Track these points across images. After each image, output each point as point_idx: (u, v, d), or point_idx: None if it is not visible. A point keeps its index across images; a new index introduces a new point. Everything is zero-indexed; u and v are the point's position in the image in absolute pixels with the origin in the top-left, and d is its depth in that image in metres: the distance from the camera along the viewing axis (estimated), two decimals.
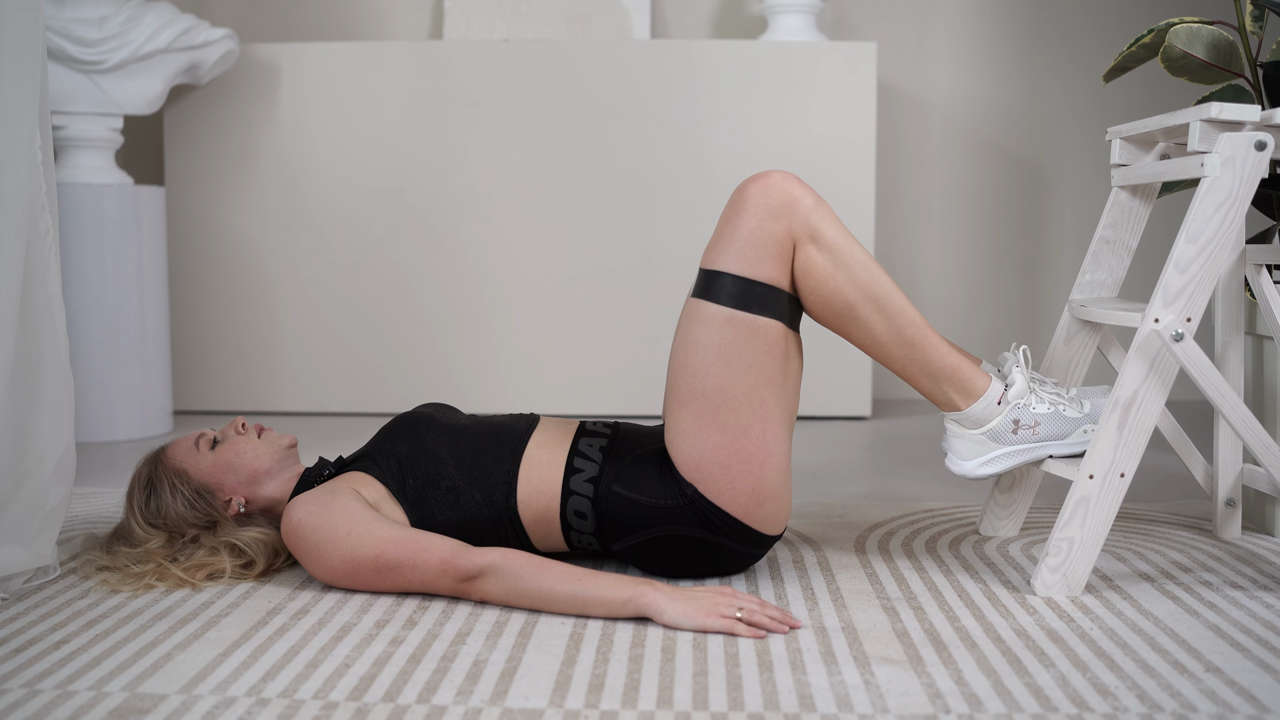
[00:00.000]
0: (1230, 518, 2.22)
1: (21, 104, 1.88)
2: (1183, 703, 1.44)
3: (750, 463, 1.84)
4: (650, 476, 1.88)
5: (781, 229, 1.82)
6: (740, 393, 1.82)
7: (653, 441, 1.95)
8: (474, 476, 1.92)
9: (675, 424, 1.86)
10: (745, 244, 1.82)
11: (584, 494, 1.89)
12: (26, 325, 1.96)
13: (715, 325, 1.82)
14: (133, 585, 1.88)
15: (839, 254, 1.84)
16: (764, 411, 1.84)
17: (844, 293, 1.84)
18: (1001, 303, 4.30)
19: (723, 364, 1.82)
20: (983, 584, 1.93)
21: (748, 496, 1.85)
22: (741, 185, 1.86)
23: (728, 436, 1.83)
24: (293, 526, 1.87)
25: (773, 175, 1.84)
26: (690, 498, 1.85)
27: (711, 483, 1.84)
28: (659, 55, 3.79)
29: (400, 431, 2.00)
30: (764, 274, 1.82)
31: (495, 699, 1.46)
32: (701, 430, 1.83)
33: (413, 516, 1.91)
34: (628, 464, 1.90)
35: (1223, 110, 1.78)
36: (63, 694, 1.47)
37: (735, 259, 1.82)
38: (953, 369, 1.88)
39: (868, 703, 1.44)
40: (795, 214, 1.82)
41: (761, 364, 1.83)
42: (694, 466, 1.84)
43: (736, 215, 1.84)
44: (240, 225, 3.87)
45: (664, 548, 1.90)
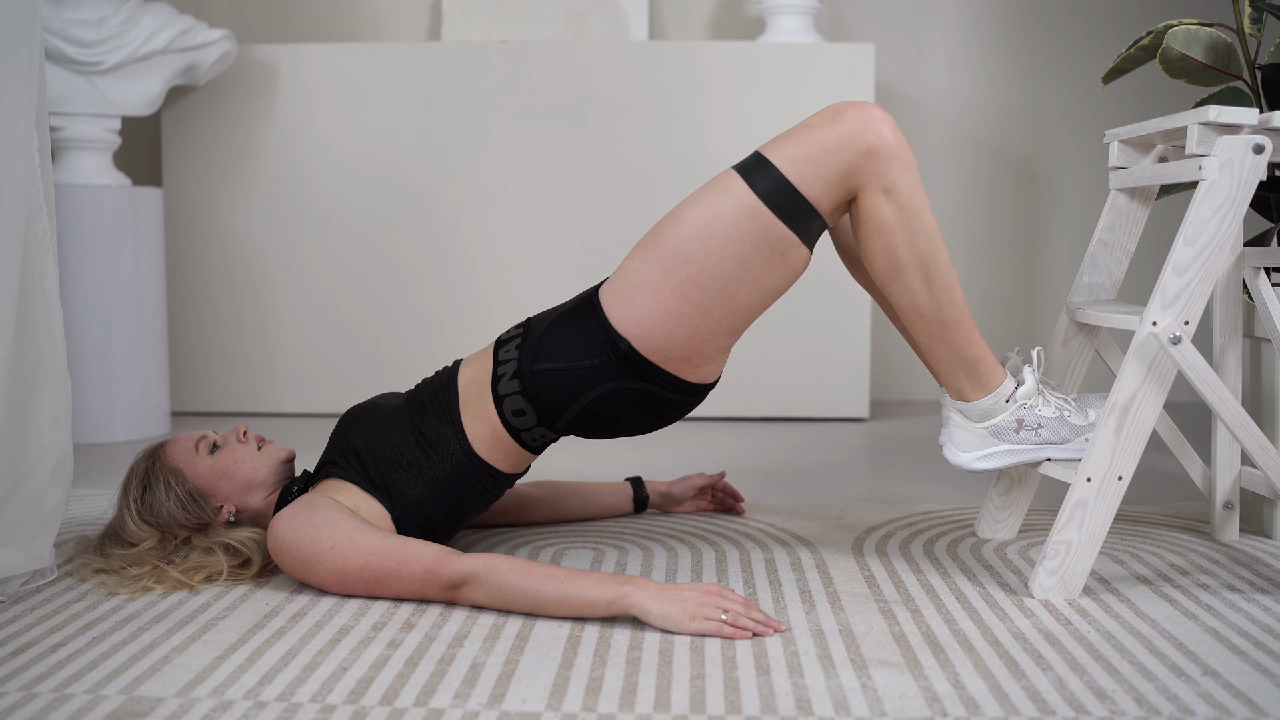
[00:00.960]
0: (1228, 520, 2.22)
1: (19, 106, 1.88)
2: (1180, 706, 1.44)
3: (695, 338, 1.83)
4: (569, 341, 1.87)
5: (855, 165, 1.77)
6: (719, 276, 1.80)
7: (562, 308, 1.94)
8: (427, 442, 1.93)
9: (639, 272, 1.83)
10: (810, 156, 1.77)
11: (513, 390, 1.89)
12: (24, 327, 1.96)
13: (737, 205, 1.79)
14: (130, 587, 1.88)
15: (908, 213, 1.79)
16: (731, 303, 1.82)
17: (899, 252, 1.81)
18: (999, 304, 4.31)
19: (720, 242, 1.79)
20: (980, 587, 1.93)
21: (682, 360, 1.85)
22: (842, 105, 1.80)
23: (684, 307, 1.81)
24: (277, 543, 1.87)
25: (874, 111, 1.78)
26: (624, 352, 1.84)
27: (649, 341, 1.83)
28: (657, 56, 3.79)
29: (349, 426, 2.01)
30: (811, 191, 1.78)
31: (493, 702, 1.46)
32: (663, 290, 1.81)
33: (387, 502, 1.92)
34: (543, 340, 1.89)
35: (1221, 113, 1.78)
36: (60, 697, 1.47)
37: (793, 162, 1.78)
38: (976, 359, 1.88)
39: (865, 706, 1.44)
40: (877, 159, 1.77)
41: (755, 264, 1.80)
42: (637, 322, 1.83)
43: (820, 128, 1.79)
44: (238, 226, 3.86)
45: (605, 407, 1.89)
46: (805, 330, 3.77)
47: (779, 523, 2.36)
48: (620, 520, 2.40)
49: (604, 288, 1.88)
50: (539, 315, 1.98)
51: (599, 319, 1.85)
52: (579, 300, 1.92)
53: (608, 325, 1.84)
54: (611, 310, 1.85)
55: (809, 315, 3.75)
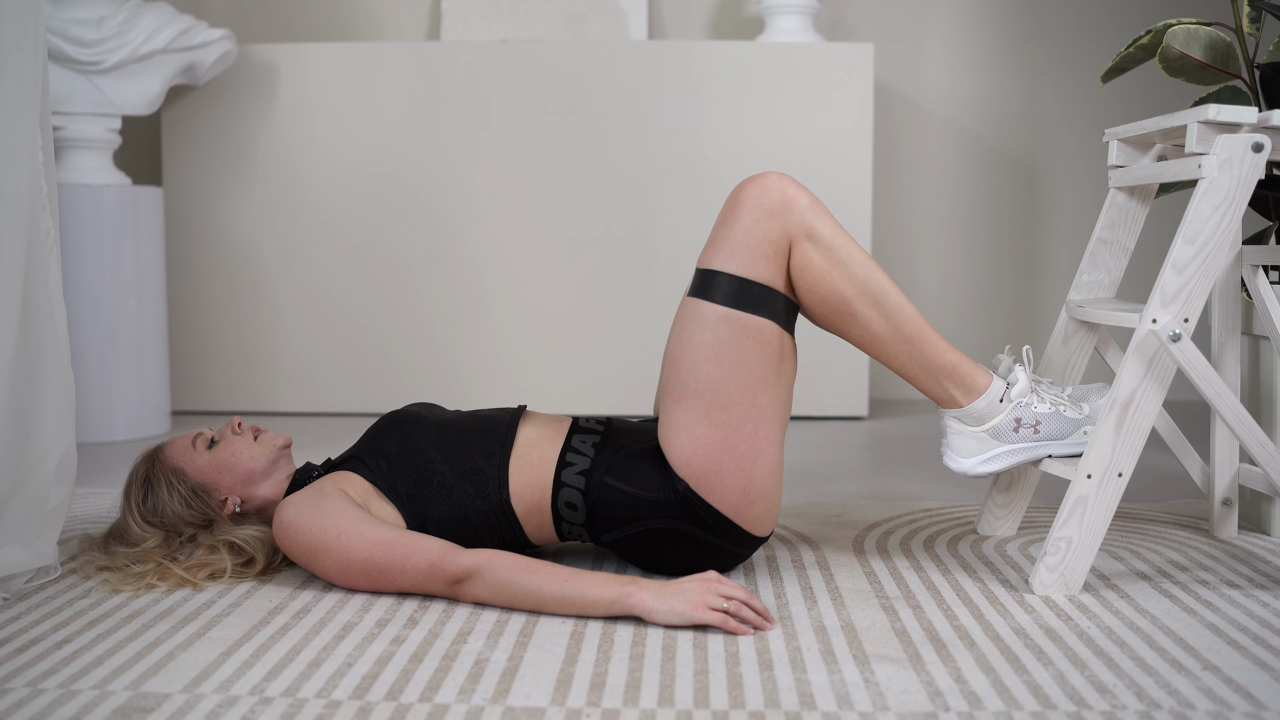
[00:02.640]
0: (1227, 517, 2.23)
1: (23, 105, 1.89)
2: (1180, 700, 1.44)
3: (741, 461, 1.85)
4: (643, 471, 1.89)
5: (777, 228, 1.84)
6: (733, 391, 1.83)
7: (647, 438, 1.96)
8: (464, 471, 1.93)
9: (669, 420, 1.87)
10: (741, 243, 1.84)
11: (576, 486, 1.90)
12: (27, 326, 1.96)
13: (710, 323, 1.83)
14: (134, 585, 1.89)
15: (835, 251, 1.85)
16: (756, 411, 1.85)
17: (841, 290, 1.85)
18: (998, 303, 4.31)
19: (716, 362, 1.83)
20: (981, 583, 1.93)
21: (738, 495, 1.86)
22: (738, 187, 1.87)
23: (720, 433, 1.84)
24: (283, 528, 1.87)
25: (769, 176, 1.86)
26: (682, 493, 1.86)
27: (703, 479, 1.85)
28: (656, 56, 3.79)
29: (387, 431, 2.01)
30: (759, 274, 1.83)
31: (497, 697, 1.46)
32: (694, 426, 1.84)
33: (407, 513, 1.92)
34: (621, 458, 1.91)
35: (1220, 112, 1.79)
36: (66, 693, 1.48)
37: (731, 258, 1.84)
38: (953, 365, 1.89)
39: (868, 701, 1.45)
40: (791, 213, 1.84)
41: (755, 363, 1.84)
42: (686, 462, 1.85)
43: (733, 215, 1.86)
44: (238, 226, 3.87)
45: (652, 541, 1.91)
46: (804, 329, 3.77)
47: (780, 521, 2.37)
48: None
49: (658, 433, 1.93)
50: (621, 424, 2.02)
51: (663, 459, 1.90)
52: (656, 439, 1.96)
53: (668, 467, 1.88)
54: (667, 450, 1.88)
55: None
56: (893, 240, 4.27)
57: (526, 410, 2.04)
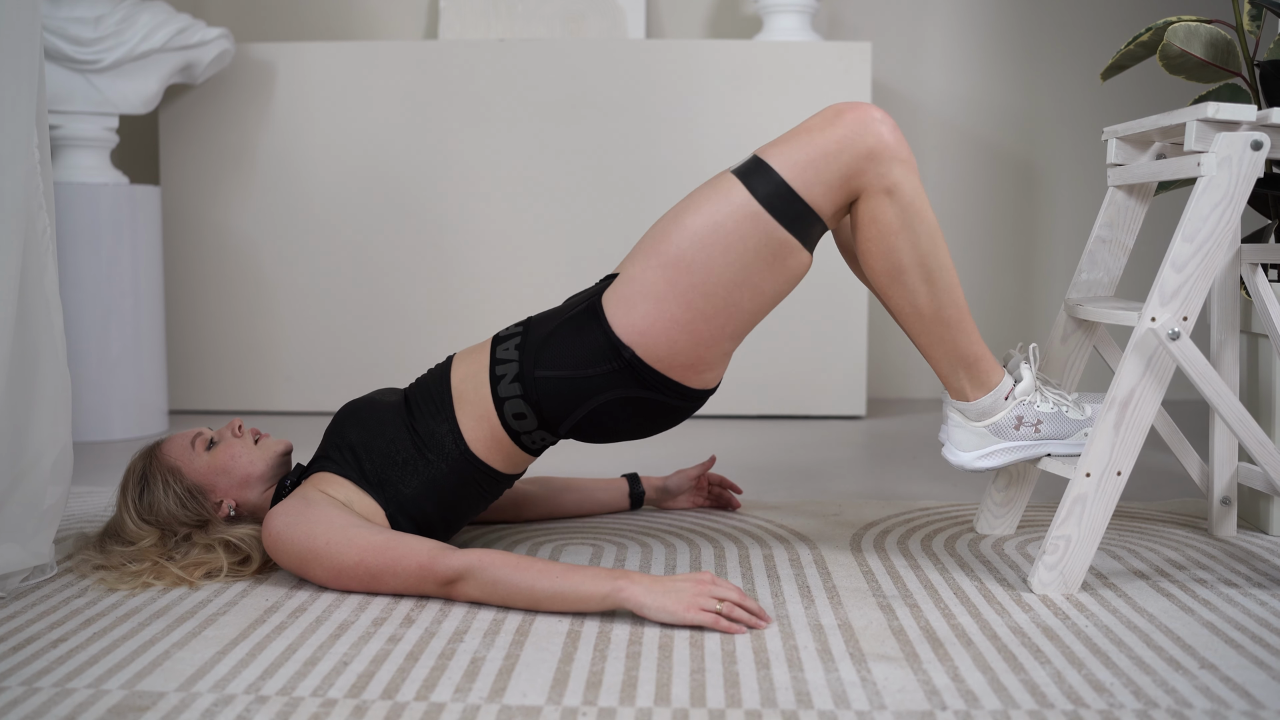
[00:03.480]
0: (1226, 516, 2.23)
1: (19, 104, 1.88)
2: (1178, 699, 1.44)
3: (698, 345, 1.83)
4: (572, 348, 1.86)
5: (856, 168, 1.76)
6: (722, 282, 1.79)
7: (565, 313, 1.92)
8: (423, 441, 1.92)
9: (640, 279, 1.82)
10: (811, 160, 1.77)
11: (514, 394, 1.88)
12: (24, 324, 1.96)
13: (737, 210, 1.77)
14: (130, 583, 1.88)
15: (910, 214, 1.79)
16: (734, 308, 1.82)
17: (901, 253, 1.81)
18: (996, 302, 4.31)
19: (722, 249, 1.78)
20: (978, 581, 1.93)
21: (685, 368, 1.85)
22: (841, 106, 1.79)
23: (688, 315, 1.80)
24: (272, 538, 1.87)
25: (874, 112, 1.78)
26: (627, 360, 1.83)
27: (652, 349, 1.82)
28: (654, 55, 3.79)
29: (345, 421, 2.00)
30: (812, 194, 1.77)
31: (493, 696, 1.46)
32: (666, 298, 1.80)
33: (381, 499, 1.91)
34: (545, 345, 1.88)
35: (1219, 110, 1.79)
36: (61, 691, 1.47)
37: (794, 166, 1.77)
38: (976, 358, 1.88)
39: (865, 699, 1.45)
40: (878, 161, 1.76)
41: (757, 269, 1.79)
42: (641, 330, 1.82)
43: (821, 130, 1.78)
44: (235, 224, 3.87)
45: (604, 416, 1.90)
46: (803, 328, 3.77)
47: (777, 519, 2.37)
48: (618, 516, 2.40)
49: (607, 294, 1.86)
50: (539, 316, 1.97)
51: (602, 326, 1.84)
52: (582, 306, 1.90)
53: (611, 333, 1.83)
54: (615, 318, 1.83)
55: (807, 313, 3.75)
56: None
57: (455, 355, 2.02)
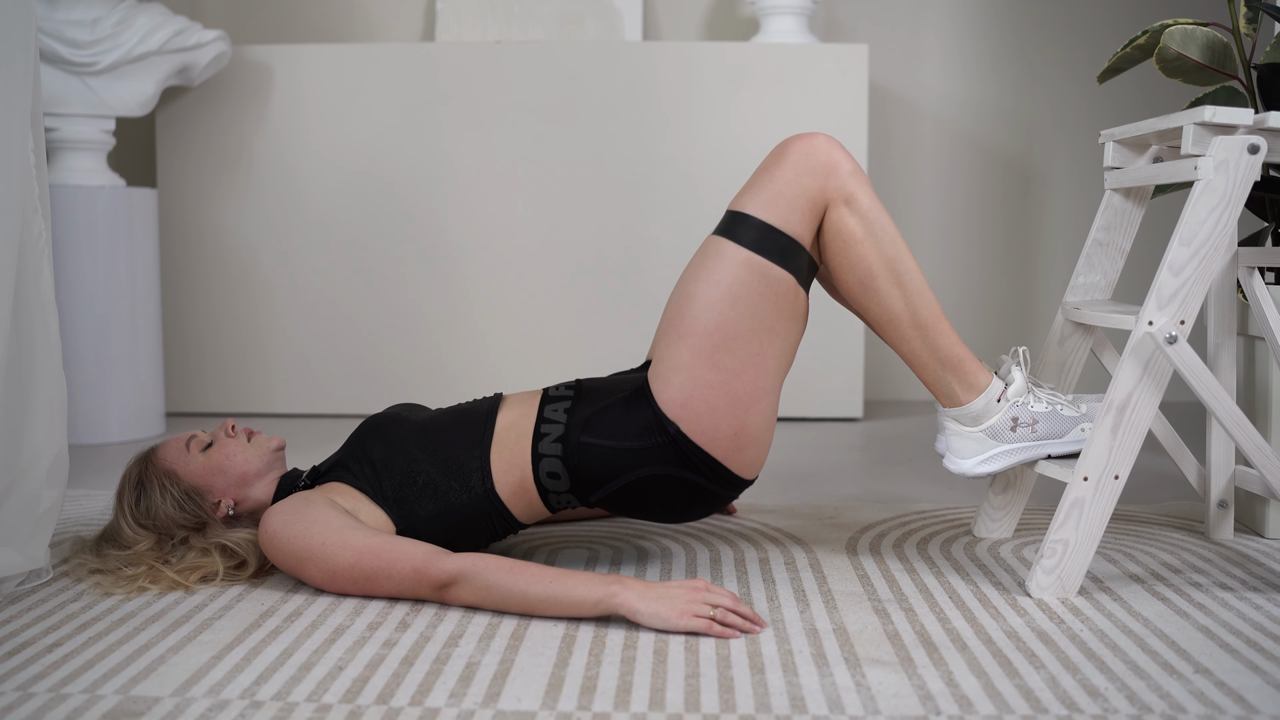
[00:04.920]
0: (1223, 519, 2.23)
1: (13, 106, 1.88)
2: (1172, 704, 1.44)
3: (737, 406, 1.85)
4: (620, 421, 1.88)
5: (817, 187, 1.85)
6: (741, 336, 1.83)
7: (617, 389, 1.94)
8: (447, 467, 1.92)
9: (669, 357, 1.87)
10: (778, 193, 1.85)
11: (553, 454, 1.89)
12: (19, 328, 1.96)
13: (731, 264, 1.84)
14: (125, 588, 1.88)
15: (871, 222, 1.86)
16: (760, 359, 1.85)
17: (869, 260, 1.87)
18: (993, 304, 4.31)
19: (730, 303, 1.83)
20: (974, 585, 1.93)
21: (729, 439, 1.86)
22: (785, 142, 1.89)
23: (720, 376, 1.84)
24: (268, 537, 1.87)
25: (817, 136, 1.88)
26: (672, 436, 1.85)
27: (696, 421, 1.84)
28: (651, 57, 3.79)
29: (370, 435, 2.00)
30: (790, 226, 1.84)
31: (488, 701, 1.46)
32: (695, 366, 1.84)
33: (395, 516, 1.91)
34: (595, 414, 1.90)
35: (1216, 114, 1.79)
36: (56, 696, 1.47)
37: (765, 206, 1.85)
38: (959, 359, 1.90)
39: (859, 704, 1.45)
40: (833, 176, 1.85)
41: (767, 312, 1.84)
42: (681, 403, 1.85)
43: (775, 166, 1.87)
44: (233, 227, 3.86)
45: (639, 490, 1.90)
46: None
47: (773, 522, 2.36)
48: (614, 520, 2.40)
49: (649, 376, 1.91)
50: (590, 382, 1.99)
51: (649, 402, 1.88)
52: (633, 386, 1.93)
53: (657, 409, 1.87)
54: (658, 394, 1.87)
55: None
56: None
57: (504, 396, 2.03)
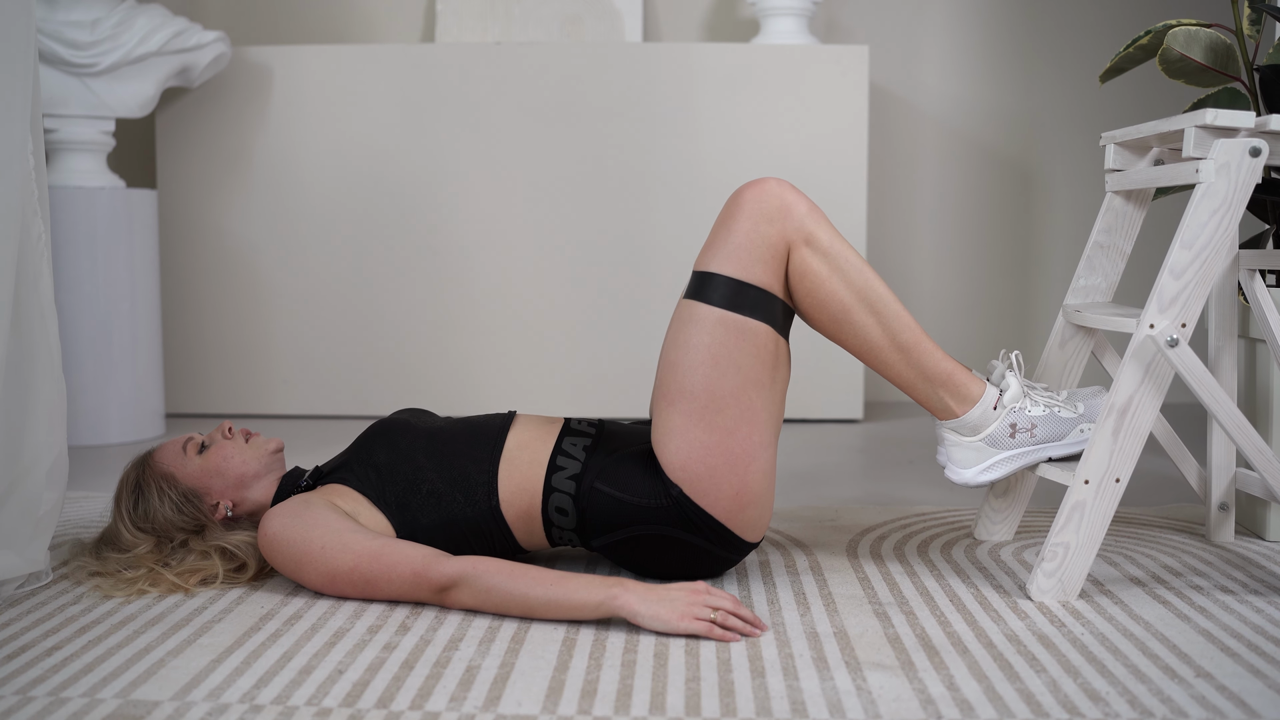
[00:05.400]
0: (1223, 522, 2.23)
1: (13, 108, 1.88)
2: (1173, 708, 1.44)
3: (736, 465, 1.84)
4: (635, 475, 1.88)
5: (775, 233, 1.84)
6: (728, 394, 1.83)
7: (639, 441, 1.96)
8: (453, 478, 1.92)
9: (663, 423, 1.87)
10: (739, 247, 1.84)
11: (566, 490, 1.89)
12: (19, 331, 1.95)
13: (706, 325, 1.83)
14: (125, 590, 1.88)
15: (833, 257, 1.86)
16: (751, 414, 1.85)
17: (839, 295, 1.86)
18: (993, 306, 4.31)
19: (712, 364, 1.83)
20: (974, 588, 1.93)
21: (731, 499, 1.85)
22: (736, 192, 1.88)
23: (714, 437, 1.83)
24: (268, 540, 1.86)
25: (768, 182, 1.87)
26: (675, 498, 1.85)
27: (697, 483, 1.84)
28: (651, 58, 3.79)
29: (376, 439, 2.00)
30: (757, 277, 1.84)
31: (489, 705, 1.46)
32: (688, 430, 1.84)
33: (396, 522, 1.91)
34: (612, 462, 1.90)
35: (1218, 116, 1.78)
36: (56, 700, 1.47)
37: (728, 261, 1.84)
38: (948, 374, 1.89)
39: (859, 708, 1.44)
40: (789, 219, 1.84)
41: (750, 366, 1.84)
42: (680, 466, 1.85)
43: (731, 219, 1.86)
44: (232, 228, 3.86)
45: (642, 546, 1.90)
46: (799, 332, 3.76)
47: (773, 525, 2.36)
48: None
49: (652, 438, 1.91)
50: (614, 427, 2.00)
51: (656, 467, 1.89)
52: (648, 443, 1.95)
53: (661, 472, 1.87)
54: (661, 456, 1.88)
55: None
56: (887, 243, 4.26)
57: (518, 415, 2.03)
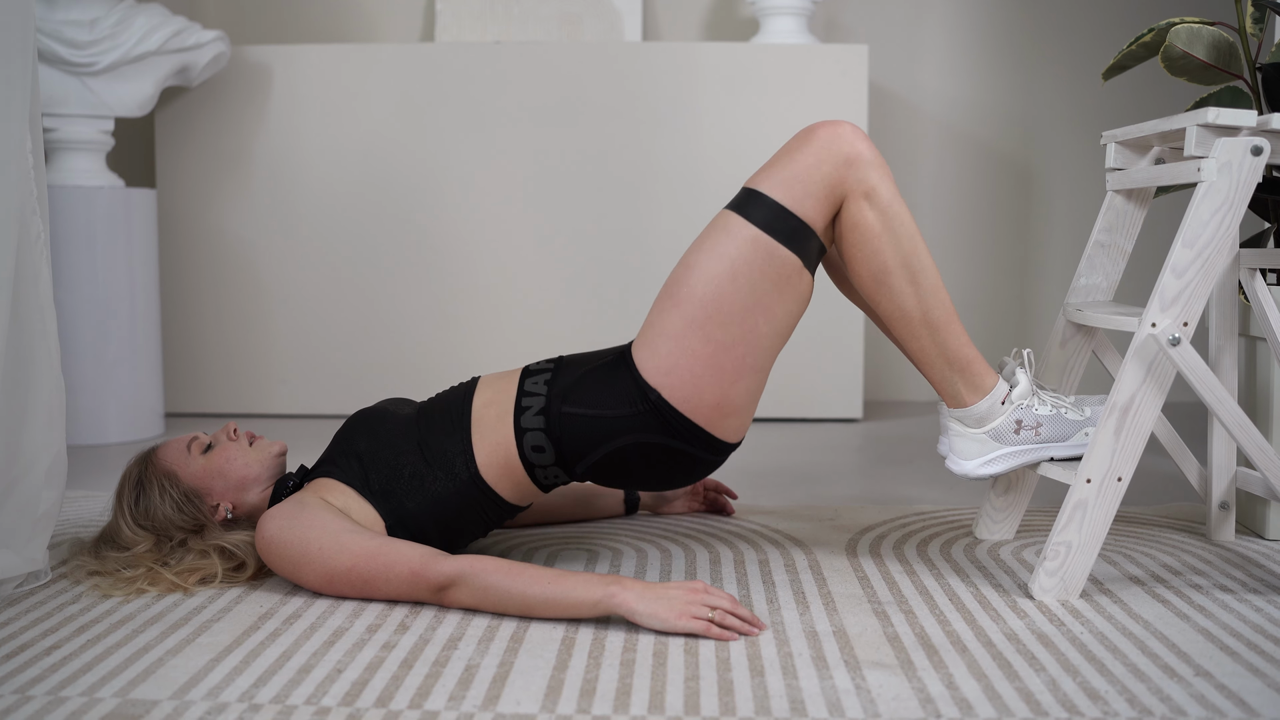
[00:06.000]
0: (1224, 520, 2.22)
1: (11, 107, 1.88)
2: (1172, 707, 1.44)
3: (722, 379, 1.84)
4: (601, 388, 1.87)
5: (837, 176, 1.83)
6: (736, 311, 1.83)
7: (597, 359, 1.94)
8: (432, 457, 1.92)
9: (660, 324, 1.86)
10: (796, 177, 1.83)
11: (537, 427, 1.89)
12: (18, 330, 1.95)
13: (738, 239, 1.83)
14: (124, 589, 1.88)
15: (890, 216, 1.85)
16: (752, 337, 1.84)
17: (884, 255, 1.85)
18: (993, 305, 4.31)
19: (730, 278, 1.82)
20: (974, 587, 1.93)
21: (711, 409, 1.85)
22: (811, 126, 1.87)
23: (709, 348, 1.83)
24: (265, 542, 1.86)
25: (843, 125, 1.86)
26: (653, 403, 1.84)
27: (678, 389, 1.84)
28: (650, 57, 3.79)
29: (355, 429, 2.00)
30: (804, 210, 1.83)
31: (487, 704, 1.46)
32: (685, 335, 1.83)
33: (383, 510, 1.91)
34: (574, 383, 1.89)
35: (1219, 115, 1.78)
36: (54, 700, 1.47)
37: (781, 187, 1.84)
38: (968, 360, 1.89)
39: (859, 707, 1.44)
40: (854, 168, 1.84)
41: (767, 292, 1.83)
42: (665, 370, 1.84)
43: (797, 150, 1.85)
44: (232, 228, 3.86)
45: (625, 459, 1.90)
46: (799, 330, 3.76)
47: (772, 524, 2.36)
48: (613, 522, 2.40)
49: (634, 343, 1.90)
50: (572, 356, 1.98)
51: (630, 371, 1.87)
52: (614, 354, 1.93)
53: (638, 376, 1.86)
54: (641, 362, 1.86)
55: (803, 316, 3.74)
56: None
57: (480, 378, 2.02)
